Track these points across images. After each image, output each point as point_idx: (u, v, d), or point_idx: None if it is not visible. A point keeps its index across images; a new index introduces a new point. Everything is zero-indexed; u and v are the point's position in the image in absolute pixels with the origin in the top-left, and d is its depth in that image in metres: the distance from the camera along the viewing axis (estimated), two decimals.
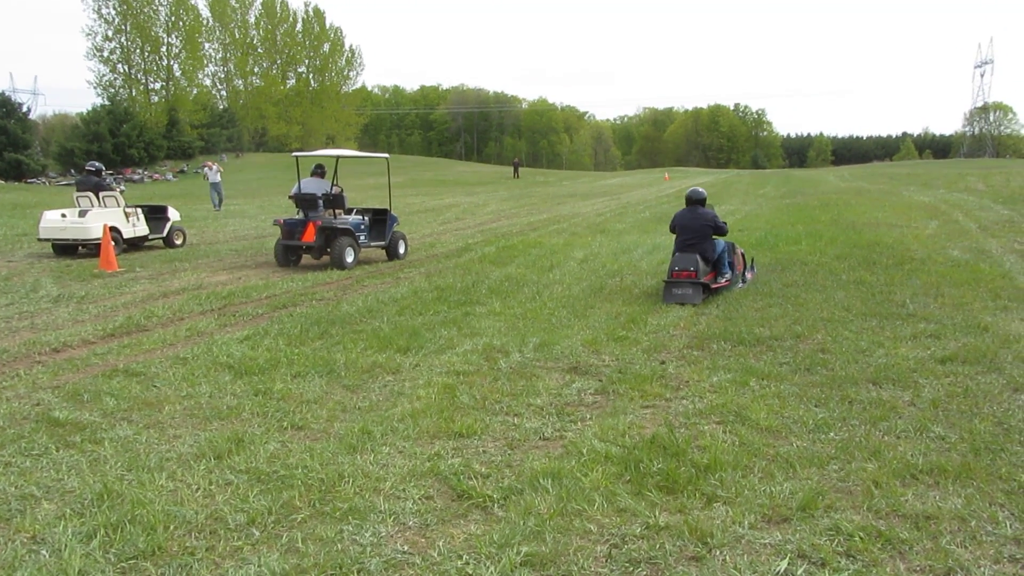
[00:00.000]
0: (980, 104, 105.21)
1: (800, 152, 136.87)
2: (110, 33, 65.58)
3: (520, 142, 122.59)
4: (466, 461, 4.15)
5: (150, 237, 14.70)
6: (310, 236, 11.60)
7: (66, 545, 3.26)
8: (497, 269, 11.22)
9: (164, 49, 68.66)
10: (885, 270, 9.95)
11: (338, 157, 13.19)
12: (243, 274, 11.38)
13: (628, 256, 12.24)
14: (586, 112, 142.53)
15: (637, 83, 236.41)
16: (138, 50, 67.24)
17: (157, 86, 69.83)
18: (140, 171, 56.04)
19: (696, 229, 8.95)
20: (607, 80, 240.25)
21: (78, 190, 14.11)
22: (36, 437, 4.57)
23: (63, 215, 13.60)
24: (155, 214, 14.95)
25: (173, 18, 68.19)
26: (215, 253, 14.00)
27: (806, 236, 13.76)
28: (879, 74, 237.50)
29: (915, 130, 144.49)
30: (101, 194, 13.87)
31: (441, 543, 3.30)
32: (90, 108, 61.83)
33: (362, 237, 12.40)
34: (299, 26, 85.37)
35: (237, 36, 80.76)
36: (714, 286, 8.87)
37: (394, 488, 3.83)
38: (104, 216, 13.46)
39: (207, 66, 77.44)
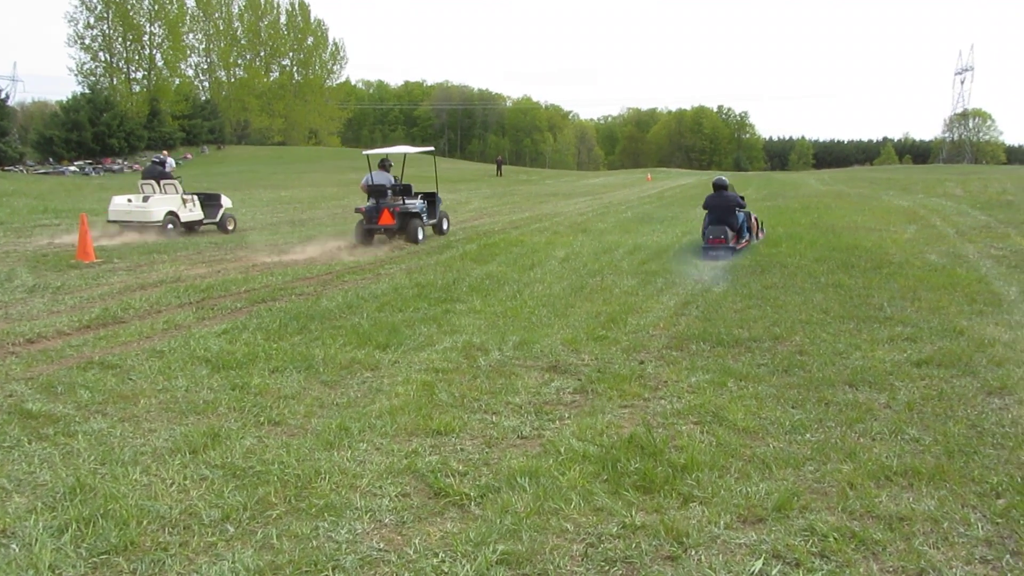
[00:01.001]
0: (960, 110, 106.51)
1: (782, 155, 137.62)
2: (92, 20, 64.91)
3: (504, 140, 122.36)
4: (443, 459, 4.15)
5: (204, 222, 16.40)
6: (388, 219, 13.89)
7: (37, 539, 3.22)
8: (478, 267, 11.20)
9: (147, 38, 68.00)
10: (863, 273, 10.04)
11: (404, 154, 15.97)
12: (222, 267, 11.29)
13: (609, 256, 12.27)
14: (570, 111, 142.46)
15: (621, 83, 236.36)
16: (120, 38, 66.56)
17: (139, 75, 69.15)
18: (120, 161, 55.39)
19: (724, 208, 12.13)
20: (591, 80, 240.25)
21: (143, 178, 16.03)
22: (8, 429, 4.51)
23: (129, 200, 15.47)
24: (209, 201, 16.62)
25: (156, 7, 67.51)
26: (194, 245, 13.88)
27: (786, 238, 13.83)
28: (861, 79, 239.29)
29: (896, 135, 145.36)
30: (162, 182, 15.69)
31: (417, 541, 3.29)
32: (70, 96, 61.09)
33: (424, 218, 14.74)
34: (283, 19, 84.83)
35: (221, 27, 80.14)
36: (739, 247, 11.95)
37: (371, 485, 3.82)
38: (164, 202, 15.42)
39: (190, 57, 76.85)
